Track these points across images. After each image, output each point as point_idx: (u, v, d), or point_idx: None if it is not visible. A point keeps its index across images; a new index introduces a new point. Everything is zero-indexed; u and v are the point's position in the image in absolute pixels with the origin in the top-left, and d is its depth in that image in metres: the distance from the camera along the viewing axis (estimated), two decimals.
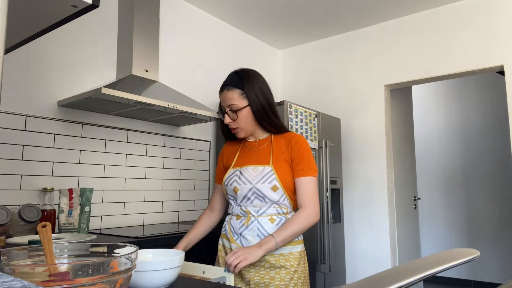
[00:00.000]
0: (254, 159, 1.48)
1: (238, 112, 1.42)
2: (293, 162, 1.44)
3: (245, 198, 1.44)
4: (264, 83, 1.48)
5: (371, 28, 3.42)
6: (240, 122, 1.44)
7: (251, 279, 1.39)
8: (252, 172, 1.43)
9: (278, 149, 1.46)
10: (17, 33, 1.02)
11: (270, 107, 1.46)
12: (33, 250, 0.69)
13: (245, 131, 1.47)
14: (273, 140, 1.50)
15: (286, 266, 1.39)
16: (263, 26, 3.45)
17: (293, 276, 1.39)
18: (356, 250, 3.27)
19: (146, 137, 2.59)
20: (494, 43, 2.81)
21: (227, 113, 1.45)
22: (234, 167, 1.50)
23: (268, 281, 1.38)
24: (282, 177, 1.41)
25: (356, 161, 3.36)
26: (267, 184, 1.40)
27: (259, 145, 1.51)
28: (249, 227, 1.42)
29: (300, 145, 1.44)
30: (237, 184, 1.45)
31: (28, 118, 2.01)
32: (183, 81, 2.92)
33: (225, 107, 1.45)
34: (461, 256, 0.50)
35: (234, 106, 1.42)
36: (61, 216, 1.89)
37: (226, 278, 1.14)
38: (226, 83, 1.45)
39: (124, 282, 0.62)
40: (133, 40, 2.32)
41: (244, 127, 1.45)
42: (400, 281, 0.43)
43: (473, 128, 4.79)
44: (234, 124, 1.45)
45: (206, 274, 1.16)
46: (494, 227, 4.52)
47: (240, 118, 1.43)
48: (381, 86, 3.30)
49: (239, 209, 1.46)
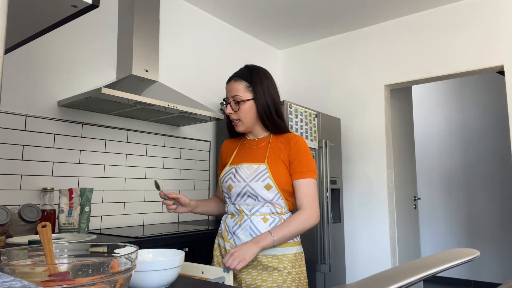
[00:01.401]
0: (250, 157, 1.47)
1: (241, 103, 1.42)
2: (292, 163, 1.42)
3: (239, 196, 1.43)
4: (273, 83, 1.49)
5: (371, 28, 3.42)
6: (241, 114, 1.43)
7: (243, 279, 1.37)
8: (247, 170, 1.43)
9: (276, 149, 1.45)
10: (17, 33, 1.02)
11: (275, 106, 1.45)
12: (33, 250, 0.69)
13: (245, 125, 1.46)
14: (272, 139, 1.49)
15: (279, 268, 1.35)
16: (263, 26, 3.44)
17: (286, 278, 1.35)
18: (356, 250, 3.27)
19: (146, 137, 2.59)
20: (494, 43, 2.81)
21: (230, 103, 1.46)
22: (231, 164, 1.50)
23: (260, 282, 1.35)
24: (277, 176, 1.39)
25: (356, 161, 3.36)
26: (260, 183, 1.38)
27: (258, 143, 1.50)
28: (242, 226, 1.40)
29: (299, 146, 1.43)
30: (231, 182, 1.44)
31: (28, 118, 2.01)
32: (183, 81, 2.92)
33: (229, 97, 1.46)
34: (461, 256, 0.50)
35: (237, 97, 1.42)
36: (61, 216, 1.89)
37: (225, 278, 1.14)
38: (235, 74, 1.47)
39: (124, 282, 0.62)
40: (133, 40, 2.32)
41: (244, 120, 1.44)
42: (400, 281, 0.43)
43: (473, 128, 4.79)
44: (235, 116, 1.45)
45: (205, 274, 1.16)
46: (494, 227, 4.52)
47: (242, 111, 1.43)
48: (381, 86, 3.30)
49: (233, 207, 1.46)
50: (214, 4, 3.04)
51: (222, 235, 1.48)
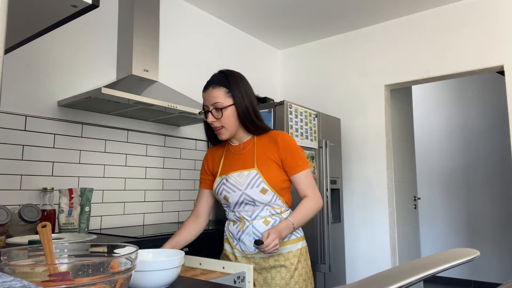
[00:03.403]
0: (239, 164, 1.46)
1: (223, 110, 1.40)
2: (285, 160, 1.43)
3: (237, 204, 1.44)
4: (249, 85, 1.48)
5: (371, 28, 3.42)
6: (224, 121, 1.41)
7: (255, 280, 1.42)
8: (238, 178, 1.42)
9: (263, 150, 1.45)
10: (17, 33, 1.02)
11: (253, 108, 1.45)
12: (33, 250, 0.69)
13: (229, 131, 1.44)
14: (256, 141, 1.48)
15: (286, 265, 1.41)
16: (263, 26, 3.44)
17: (294, 274, 1.41)
18: (356, 250, 3.27)
19: (146, 137, 2.59)
20: (494, 43, 2.81)
21: (211, 111, 1.42)
22: (221, 174, 1.49)
23: (270, 281, 1.40)
24: (269, 178, 1.40)
25: (356, 161, 3.36)
26: (255, 189, 1.39)
27: (244, 148, 1.49)
28: (245, 232, 1.43)
29: (286, 142, 1.44)
30: (226, 192, 1.45)
31: (28, 118, 2.01)
32: (183, 81, 2.92)
33: (209, 105, 1.42)
34: (461, 256, 0.50)
35: (219, 104, 1.40)
36: (61, 216, 1.89)
37: (245, 273, 1.13)
38: (212, 81, 1.44)
39: (124, 282, 0.62)
40: (133, 40, 2.32)
41: (228, 126, 1.42)
42: (400, 281, 0.43)
43: (473, 128, 4.79)
44: (218, 123, 1.42)
45: (226, 269, 1.17)
46: (494, 227, 4.52)
47: (224, 117, 1.41)
48: (381, 86, 3.30)
49: (233, 215, 1.47)
50: (214, 4, 3.04)
51: (229, 241, 1.51)
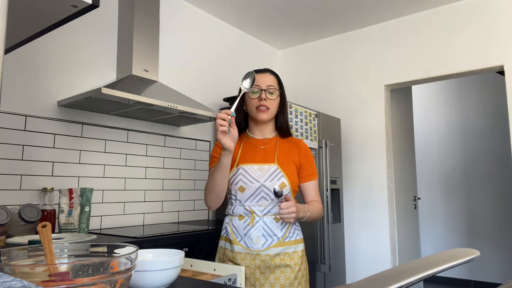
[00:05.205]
0: (261, 157, 1.49)
1: (274, 95, 1.50)
2: (302, 166, 1.52)
3: (251, 196, 1.43)
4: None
5: (371, 28, 3.42)
6: (271, 104, 1.49)
7: (257, 280, 1.41)
8: (259, 171, 1.45)
9: (285, 150, 1.52)
10: (17, 33, 1.02)
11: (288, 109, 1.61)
12: (33, 250, 0.69)
13: (271, 114, 1.52)
14: (279, 141, 1.56)
15: (291, 265, 1.42)
16: (263, 26, 3.44)
17: (297, 274, 1.42)
18: (356, 250, 3.27)
19: (146, 137, 2.59)
20: (494, 43, 2.81)
21: (265, 91, 1.50)
22: (238, 164, 1.49)
23: (274, 281, 1.40)
24: (289, 175, 1.46)
25: (356, 161, 3.36)
26: (275, 181, 1.43)
27: (267, 143, 1.54)
28: (255, 227, 1.42)
29: (307, 150, 1.56)
30: (243, 183, 1.44)
31: (28, 118, 2.01)
32: (183, 81, 2.92)
33: (263, 86, 1.49)
34: (461, 256, 0.50)
35: (272, 88, 1.49)
36: (61, 216, 1.89)
37: (236, 275, 1.13)
38: (267, 70, 1.55)
39: (124, 282, 0.62)
40: (133, 40, 2.32)
41: (272, 109, 1.51)
42: (400, 281, 0.43)
43: (473, 128, 4.79)
44: (268, 103, 1.49)
45: (217, 271, 1.16)
46: (494, 227, 4.52)
47: (273, 102, 1.50)
48: (381, 86, 3.30)
49: (242, 209, 1.45)
50: (214, 4, 3.04)
51: (230, 238, 1.46)
